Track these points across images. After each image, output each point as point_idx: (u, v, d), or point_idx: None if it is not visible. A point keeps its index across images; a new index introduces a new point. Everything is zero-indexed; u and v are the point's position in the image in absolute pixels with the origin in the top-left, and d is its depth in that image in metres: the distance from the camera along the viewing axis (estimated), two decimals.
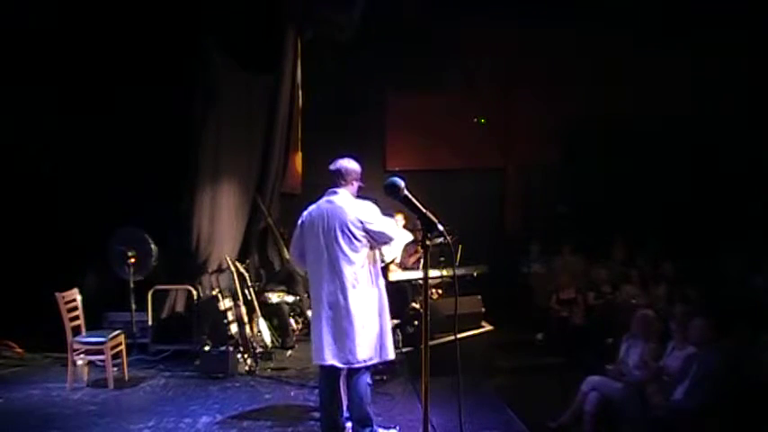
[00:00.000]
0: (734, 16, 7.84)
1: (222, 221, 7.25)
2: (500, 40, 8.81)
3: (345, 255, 3.94)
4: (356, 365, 4.00)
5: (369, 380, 4.13)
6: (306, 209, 4.18)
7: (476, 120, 9.35)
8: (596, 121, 8.89)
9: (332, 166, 4.14)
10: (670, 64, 8.43)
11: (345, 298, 3.95)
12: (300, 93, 7.51)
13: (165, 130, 6.86)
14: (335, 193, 4.06)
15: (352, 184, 4.12)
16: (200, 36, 6.94)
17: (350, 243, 3.94)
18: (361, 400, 4.05)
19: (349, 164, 4.14)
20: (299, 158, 8.44)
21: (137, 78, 6.80)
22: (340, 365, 4.00)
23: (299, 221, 4.18)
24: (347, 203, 4.01)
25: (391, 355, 4.17)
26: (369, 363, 4.03)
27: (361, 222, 3.94)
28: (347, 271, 3.94)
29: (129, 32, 6.79)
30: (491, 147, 9.36)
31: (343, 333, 3.96)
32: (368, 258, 4.05)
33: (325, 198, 4.10)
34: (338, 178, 4.08)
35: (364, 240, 3.98)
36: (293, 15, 7.16)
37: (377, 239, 4.03)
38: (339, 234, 3.94)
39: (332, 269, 3.98)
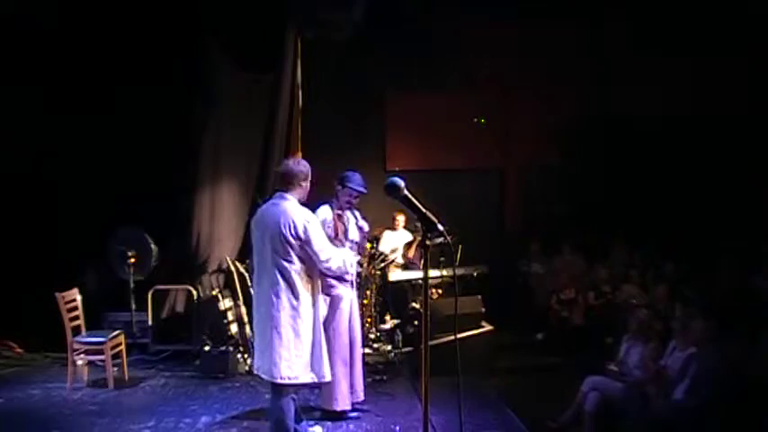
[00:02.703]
0: (734, 16, 7.84)
1: (222, 221, 7.25)
2: (500, 40, 8.80)
3: (281, 263, 3.75)
4: (278, 381, 3.77)
5: (293, 397, 3.89)
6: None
7: (476, 120, 9.34)
8: (596, 120, 8.89)
9: (280, 168, 3.97)
10: (670, 64, 8.42)
11: (276, 308, 3.73)
12: (300, 93, 7.50)
13: (165, 130, 6.86)
14: (282, 197, 3.87)
15: (300, 186, 3.91)
16: (200, 36, 6.95)
17: (286, 252, 3.75)
18: (280, 421, 3.81)
19: (295, 166, 3.93)
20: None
21: (137, 78, 6.82)
22: (264, 377, 3.79)
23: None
24: (291, 210, 3.80)
25: (327, 377, 3.93)
26: (294, 382, 3.79)
27: (298, 237, 3.74)
28: (280, 279, 3.75)
29: (129, 32, 6.80)
30: (491, 147, 9.35)
31: (267, 344, 3.77)
32: (306, 271, 3.84)
33: (271, 201, 3.95)
34: (282, 182, 3.90)
35: (300, 253, 3.79)
36: (293, 15, 7.15)
37: (311, 256, 3.84)
38: (277, 241, 3.74)
39: (266, 275, 3.80)
